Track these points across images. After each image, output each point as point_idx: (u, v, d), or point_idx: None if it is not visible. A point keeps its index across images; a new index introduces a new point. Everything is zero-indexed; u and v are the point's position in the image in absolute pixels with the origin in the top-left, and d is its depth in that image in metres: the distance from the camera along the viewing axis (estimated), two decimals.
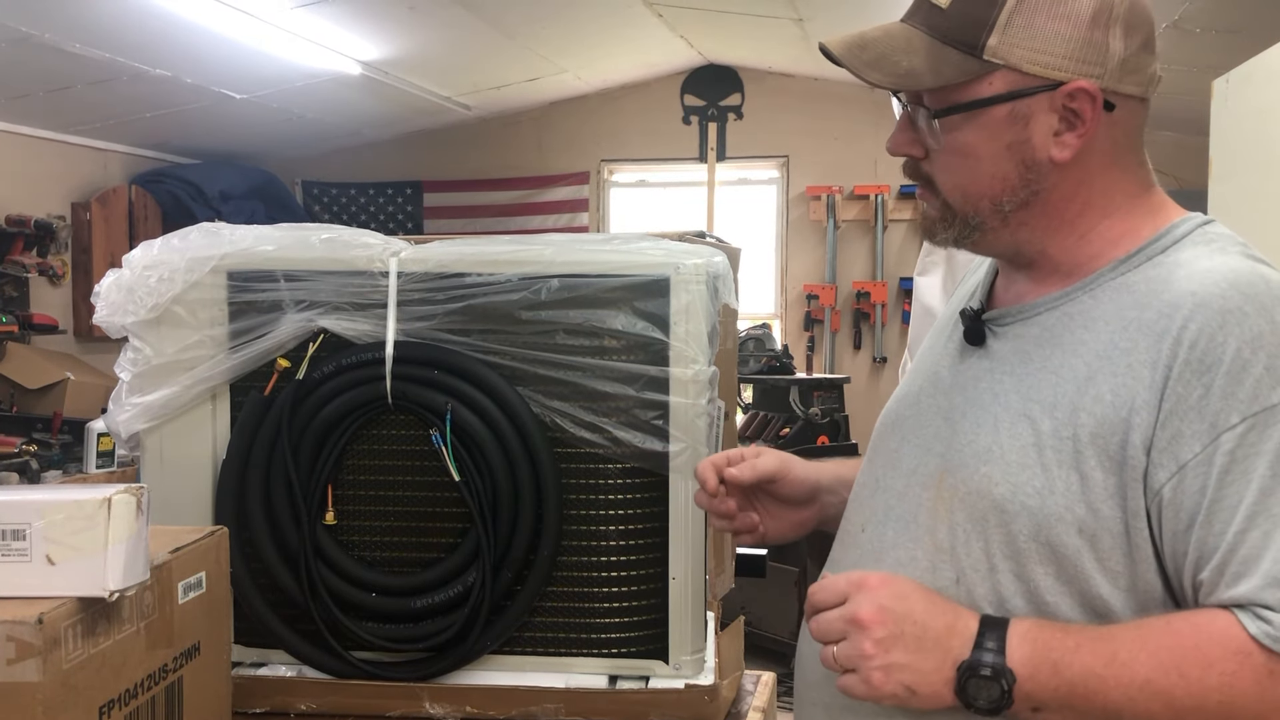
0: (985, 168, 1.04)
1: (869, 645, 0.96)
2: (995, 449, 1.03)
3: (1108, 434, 0.97)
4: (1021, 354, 1.06)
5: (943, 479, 1.07)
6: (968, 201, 1.06)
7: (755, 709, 1.47)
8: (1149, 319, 0.98)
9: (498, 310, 1.34)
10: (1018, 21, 1.01)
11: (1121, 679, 0.92)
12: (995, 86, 1.02)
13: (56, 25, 4.13)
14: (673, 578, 1.36)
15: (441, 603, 1.34)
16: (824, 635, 1.00)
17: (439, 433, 1.32)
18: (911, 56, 1.04)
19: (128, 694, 0.99)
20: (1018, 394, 1.04)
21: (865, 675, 0.97)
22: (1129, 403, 0.96)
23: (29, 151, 5.40)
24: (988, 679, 0.94)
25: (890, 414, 1.22)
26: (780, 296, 6.89)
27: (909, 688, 0.96)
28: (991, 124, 1.03)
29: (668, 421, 1.33)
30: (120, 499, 0.94)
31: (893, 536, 1.11)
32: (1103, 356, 0.99)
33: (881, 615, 0.97)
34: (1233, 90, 2.85)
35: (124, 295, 1.37)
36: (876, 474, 1.18)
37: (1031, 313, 1.08)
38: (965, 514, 1.04)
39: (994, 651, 0.95)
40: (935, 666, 0.96)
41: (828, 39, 1.08)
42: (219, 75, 5.05)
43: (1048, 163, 1.03)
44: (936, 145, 1.06)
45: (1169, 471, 0.94)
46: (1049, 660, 0.94)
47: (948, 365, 1.15)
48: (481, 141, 7.03)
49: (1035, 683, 0.93)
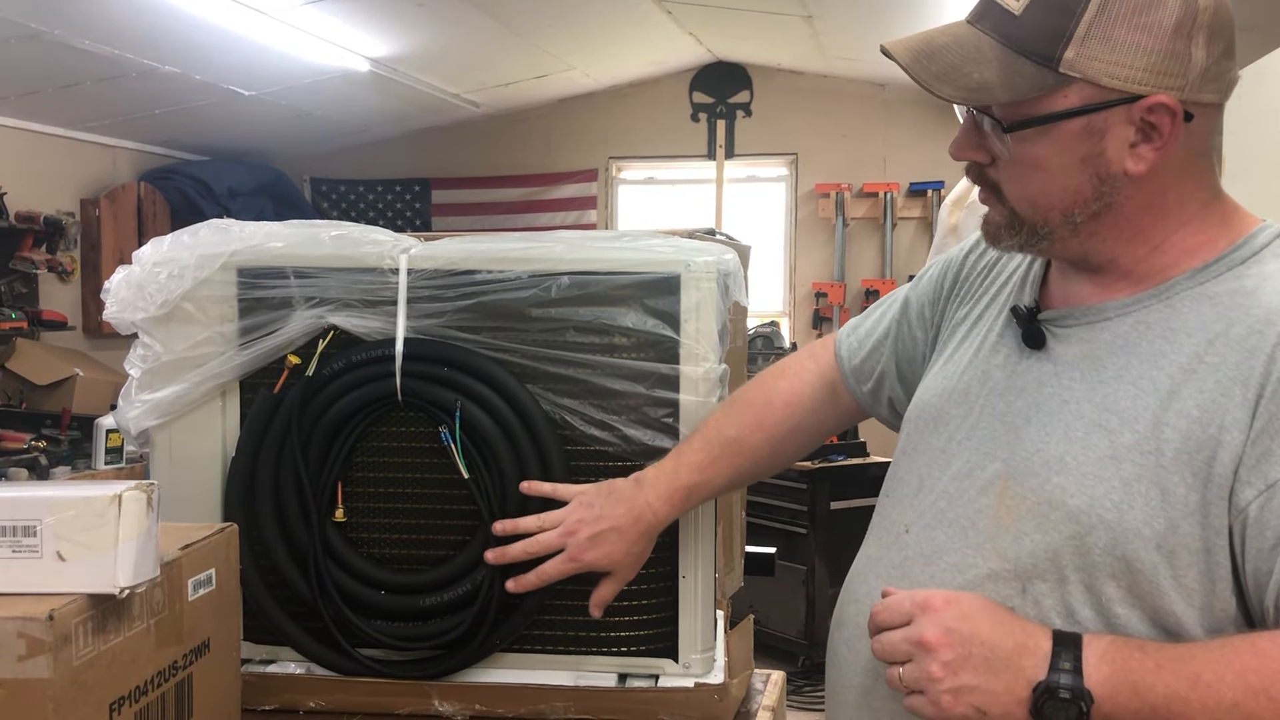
0: (1057, 180, 1.00)
1: (936, 668, 0.94)
2: (1069, 459, 1.00)
3: (1194, 450, 0.94)
4: (1092, 360, 1.03)
5: (1007, 486, 1.04)
6: (1037, 212, 1.02)
7: (765, 708, 1.46)
8: (1238, 334, 0.96)
9: (508, 307, 1.34)
10: (1096, 33, 0.95)
11: (1207, 702, 0.89)
12: (1070, 100, 0.97)
13: (66, 22, 4.14)
14: (682, 576, 1.36)
15: (451, 601, 1.34)
16: (888, 656, 0.99)
17: (448, 430, 1.32)
18: (983, 68, 0.99)
19: (138, 691, 0.99)
20: (1090, 403, 1.01)
21: (934, 698, 0.95)
22: (1219, 420, 0.94)
23: (38, 148, 5.41)
24: (1066, 701, 0.91)
25: (931, 409, 1.17)
26: (789, 294, 6.88)
27: (979, 709, 0.94)
28: (1064, 138, 0.98)
29: (678, 419, 1.32)
30: (131, 496, 0.94)
31: (945, 541, 1.08)
32: (1187, 370, 0.97)
33: (948, 637, 0.95)
34: (1245, 88, 2.83)
35: (134, 292, 1.37)
36: (919, 472, 1.14)
37: (1099, 316, 1.04)
38: (1034, 524, 1.01)
39: (1071, 673, 0.92)
40: (1006, 687, 0.93)
41: (891, 43, 1.03)
42: (228, 72, 5.06)
43: (1122, 175, 0.99)
44: (1006, 155, 1.02)
45: (1257, 490, 0.92)
46: (1129, 681, 0.91)
47: (1000, 364, 1.11)
48: (490, 139, 7.04)
49: (1115, 705, 0.91)
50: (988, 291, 1.21)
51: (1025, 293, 1.14)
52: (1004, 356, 1.11)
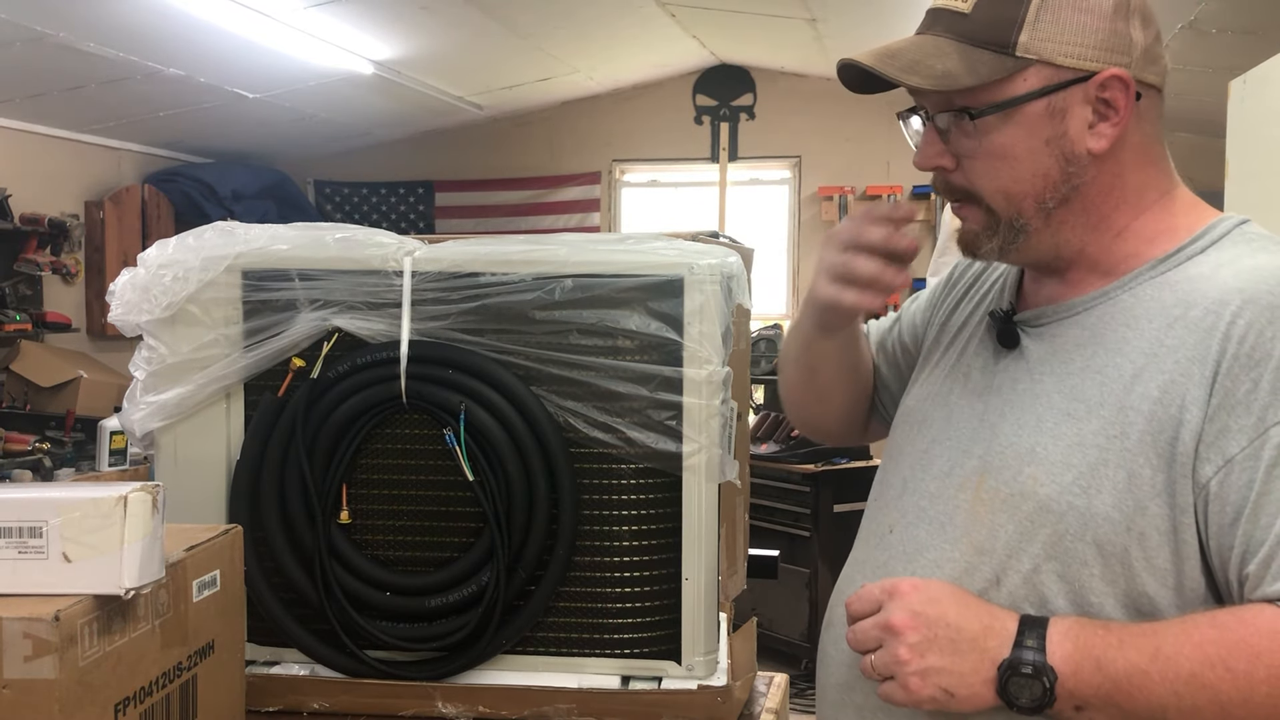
0: (1026, 166, 1.04)
1: (904, 651, 0.96)
2: (1039, 449, 1.03)
3: (1157, 431, 0.96)
4: (1061, 354, 1.06)
5: (983, 481, 1.06)
6: (1011, 203, 1.06)
7: (768, 710, 1.46)
8: (1195, 316, 0.98)
9: (512, 310, 1.34)
10: (1045, 17, 1.01)
11: (1167, 674, 0.91)
12: (1030, 83, 1.02)
13: (71, 25, 4.15)
14: (686, 578, 1.36)
15: (455, 602, 1.34)
16: (861, 644, 1.01)
17: (453, 432, 1.32)
18: (945, 60, 1.03)
19: (142, 692, 1.00)
20: (1060, 394, 1.04)
21: (903, 681, 0.97)
22: (1179, 399, 0.96)
23: (43, 150, 5.42)
24: (1029, 677, 0.93)
25: (914, 413, 1.21)
26: (792, 297, 6.88)
27: (947, 690, 0.96)
28: (1029, 121, 1.03)
29: (681, 422, 1.33)
30: (136, 497, 0.94)
31: (925, 538, 1.10)
32: (1148, 354, 0.99)
33: (914, 620, 0.97)
34: (1250, 91, 2.83)
35: (139, 294, 1.37)
36: (903, 474, 1.17)
37: (1068, 313, 1.08)
38: (1008, 515, 1.03)
39: (1034, 649, 0.94)
40: (973, 668, 0.96)
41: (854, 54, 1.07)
42: (232, 75, 5.07)
43: (1086, 155, 1.04)
44: (976, 149, 1.05)
45: (1215, 465, 0.94)
46: (1091, 657, 0.93)
47: (979, 367, 1.15)
48: (493, 141, 7.04)
49: (1078, 680, 0.93)
50: (969, 303, 1.25)
51: (1003, 298, 1.18)
52: (982, 360, 1.15)
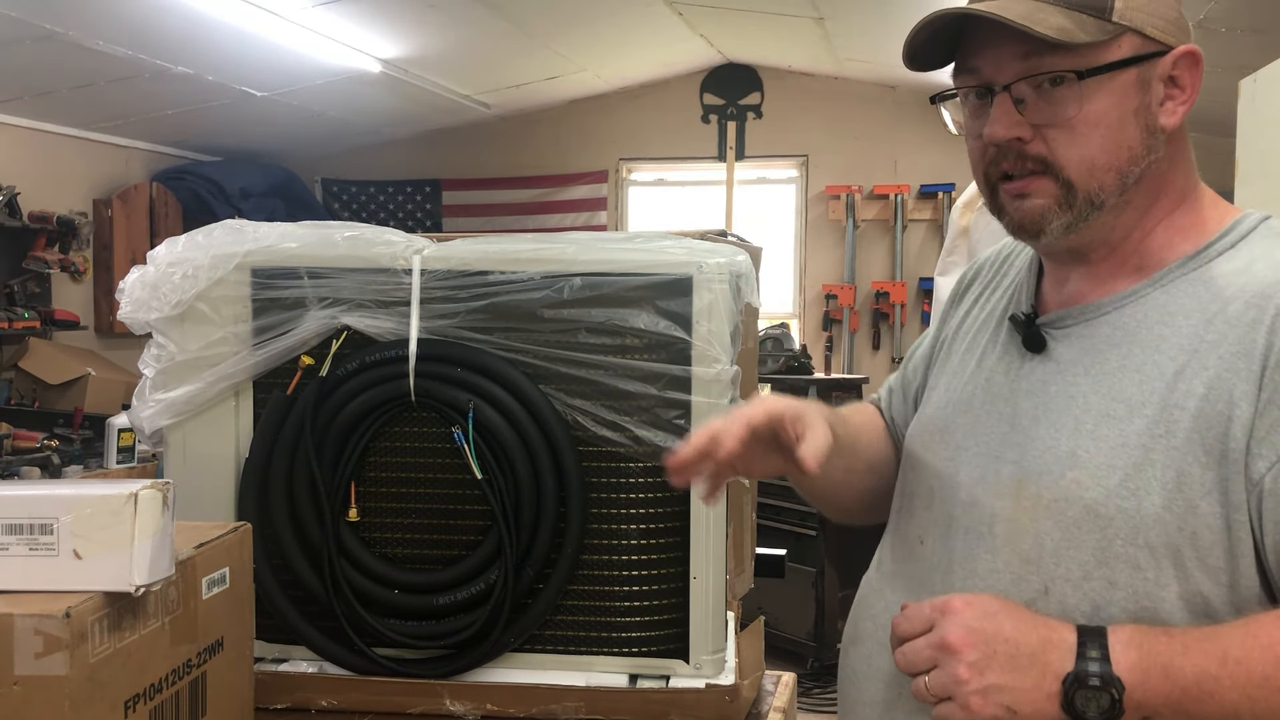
0: (1114, 136, 1.01)
1: (963, 670, 0.93)
2: (1080, 453, 1.00)
3: (1205, 429, 0.94)
4: (1094, 354, 1.03)
5: (1021, 487, 1.03)
6: (1094, 175, 1.01)
7: (775, 709, 1.46)
8: (1235, 311, 0.97)
9: (520, 308, 1.34)
10: None
11: (1238, 678, 0.89)
12: (1124, 50, 1.00)
13: (80, 23, 4.16)
14: (694, 577, 1.36)
15: (463, 600, 1.34)
16: (912, 665, 0.97)
17: (461, 430, 1.32)
18: (1052, 17, 0.99)
19: (152, 689, 1.00)
20: (1097, 394, 1.01)
21: (963, 701, 0.93)
22: (1226, 395, 0.94)
23: (51, 148, 5.43)
24: (1097, 689, 0.90)
25: (934, 421, 1.17)
26: (799, 296, 6.87)
27: (1009, 708, 0.92)
28: (1121, 89, 1.00)
29: (690, 421, 1.33)
30: (147, 494, 0.94)
31: (963, 548, 1.07)
32: (1189, 351, 0.97)
33: (971, 637, 0.93)
34: (1260, 90, 2.82)
35: (148, 292, 1.38)
36: (929, 483, 1.14)
37: (1097, 312, 1.05)
38: (1052, 522, 1.00)
39: (1099, 660, 0.91)
40: (1034, 683, 0.92)
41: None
42: (240, 73, 5.08)
43: (1161, 131, 1.02)
44: (1065, 116, 1.00)
45: (1269, 461, 0.92)
46: (1158, 665, 0.90)
47: (1002, 371, 1.11)
48: (500, 140, 7.05)
49: (1146, 689, 0.90)
50: (981, 310, 1.21)
51: (1022, 300, 1.14)
52: (1006, 363, 1.12)
